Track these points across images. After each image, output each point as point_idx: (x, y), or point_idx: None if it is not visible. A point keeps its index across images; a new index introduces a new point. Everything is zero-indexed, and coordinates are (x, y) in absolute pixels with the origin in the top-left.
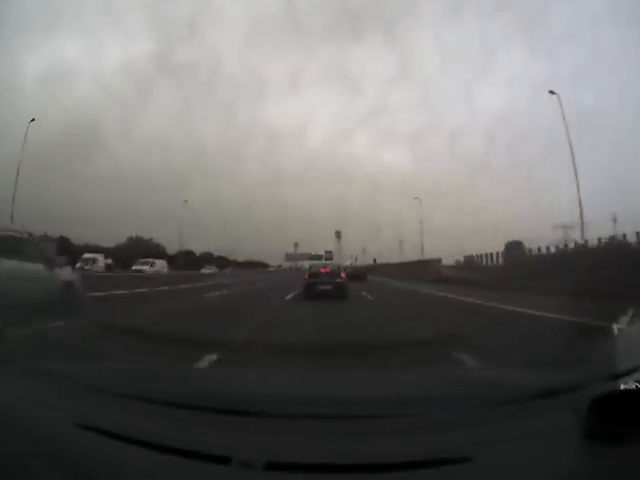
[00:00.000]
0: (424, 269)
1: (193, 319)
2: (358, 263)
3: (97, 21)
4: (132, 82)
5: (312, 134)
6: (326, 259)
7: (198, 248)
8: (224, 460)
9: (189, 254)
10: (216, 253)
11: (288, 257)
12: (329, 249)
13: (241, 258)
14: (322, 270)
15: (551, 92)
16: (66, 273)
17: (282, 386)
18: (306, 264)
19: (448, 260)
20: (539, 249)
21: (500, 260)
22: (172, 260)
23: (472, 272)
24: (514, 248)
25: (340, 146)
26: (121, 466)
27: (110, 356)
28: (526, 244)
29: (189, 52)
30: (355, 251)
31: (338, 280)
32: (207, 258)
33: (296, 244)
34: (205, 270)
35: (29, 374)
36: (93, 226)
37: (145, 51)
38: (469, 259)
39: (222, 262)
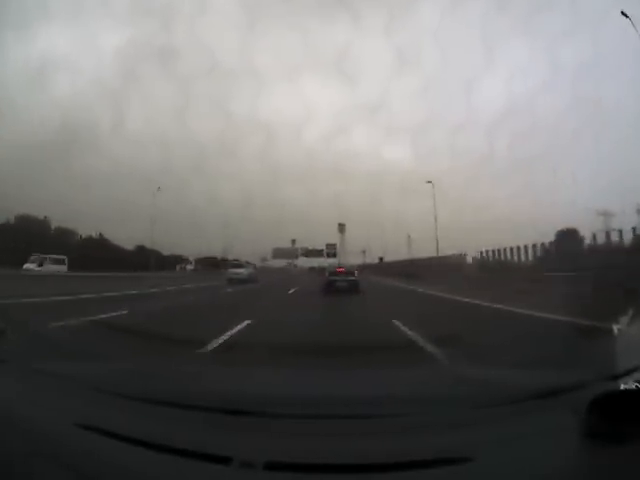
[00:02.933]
0: (446, 268)
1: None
2: (367, 261)
3: (77, 13)
4: (118, 72)
5: (310, 129)
6: (328, 255)
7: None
8: (224, 460)
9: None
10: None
11: (276, 253)
12: (332, 242)
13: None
14: (338, 269)
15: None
16: (253, 270)
17: (282, 386)
18: (300, 262)
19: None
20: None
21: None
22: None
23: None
24: (568, 238)
25: (340, 141)
26: (121, 466)
27: (110, 356)
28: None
29: (180, 42)
30: (359, 248)
31: (352, 278)
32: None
33: (294, 241)
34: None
35: (29, 374)
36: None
37: (128, 40)
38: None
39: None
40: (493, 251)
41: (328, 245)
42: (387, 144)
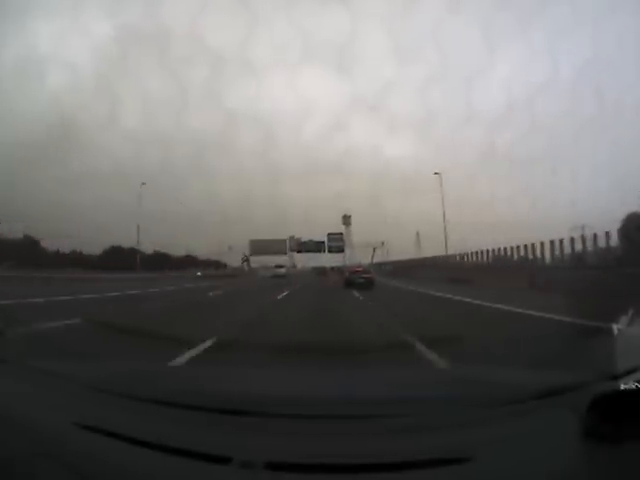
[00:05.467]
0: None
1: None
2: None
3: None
4: (106, 63)
5: (310, 123)
6: (331, 249)
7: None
8: (224, 460)
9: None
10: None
11: (255, 248)
12: (336, 231)
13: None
14: (356, 269)
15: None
16: (285, 271)
17: (282, 386)
18: (295, 260)
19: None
20: None
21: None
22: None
23: None
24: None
25: (342, 136)
26: (121, 466)
27: (110, 356)
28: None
29: (172, 32)
30: (365, 245)
31: (367, 276)
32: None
33: (292, 238)
34: None
35: (29, 374)
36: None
37: (112, 27)
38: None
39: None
40: (517, 247)
41: (331, 236)
42: (390, 139)
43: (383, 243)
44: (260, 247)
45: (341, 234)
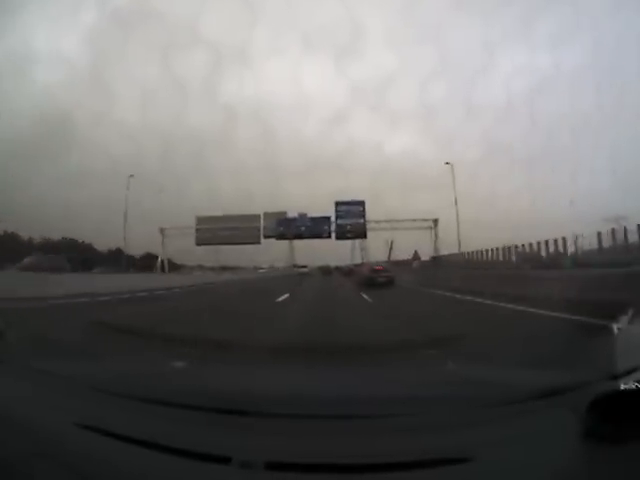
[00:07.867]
0: None
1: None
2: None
3: None
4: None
5: (312, 114)
6: (340, 232)
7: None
8: (224, 460)
9: None
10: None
11: (204, 233)
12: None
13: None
14: (377, 268)
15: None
16: (310, 269)
17: (282, 386)
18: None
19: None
20: None
21: None
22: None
23: None
24: None
25: (346, 130)
26: (121, 466)
27: (110, 356)
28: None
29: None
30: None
31: (388, 274)
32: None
33: (268, 213)
34: None
35: (29, 374)
36: None
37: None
38: None
39: None
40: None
41: (343, 207)
42: (397, 134)
43: (436, 222)
44: (214, 233)
45: (361, 202)
